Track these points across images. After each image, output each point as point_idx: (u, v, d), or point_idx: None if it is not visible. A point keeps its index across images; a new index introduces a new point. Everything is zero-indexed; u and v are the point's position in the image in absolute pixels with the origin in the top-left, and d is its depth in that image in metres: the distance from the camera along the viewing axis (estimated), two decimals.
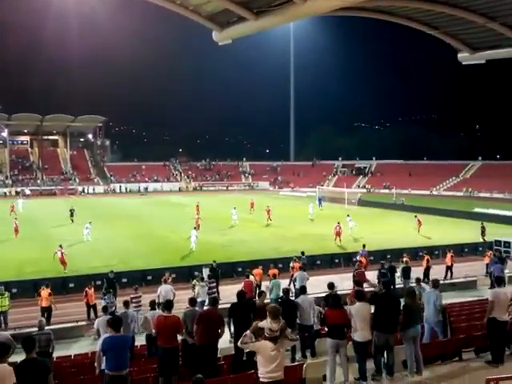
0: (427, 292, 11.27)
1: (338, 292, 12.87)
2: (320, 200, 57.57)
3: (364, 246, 24.90)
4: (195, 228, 31.78)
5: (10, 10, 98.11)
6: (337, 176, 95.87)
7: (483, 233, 31.96)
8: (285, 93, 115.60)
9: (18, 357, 7.25)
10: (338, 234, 31.92)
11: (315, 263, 25.57)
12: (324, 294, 12.89)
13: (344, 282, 19.19)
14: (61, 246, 24.91)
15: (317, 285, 17.96)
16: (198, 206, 46.04)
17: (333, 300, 9.80)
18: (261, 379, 6.82)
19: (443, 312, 10.98)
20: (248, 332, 7.11)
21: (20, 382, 6.37)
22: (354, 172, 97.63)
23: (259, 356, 6.83)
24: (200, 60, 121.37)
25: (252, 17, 14.25)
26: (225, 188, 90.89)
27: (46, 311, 17.43)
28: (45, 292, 17.65)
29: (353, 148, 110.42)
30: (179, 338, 9.52)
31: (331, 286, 11.86)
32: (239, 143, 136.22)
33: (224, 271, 22.27)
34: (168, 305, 9.48)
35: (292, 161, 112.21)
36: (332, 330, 9.50)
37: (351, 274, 20.05)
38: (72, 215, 41.90)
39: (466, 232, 33.90)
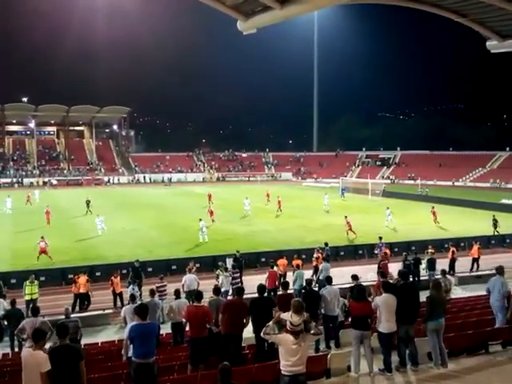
0: (493, 279, 11.30)
1: (363, 283, 12.81)
2: (343, 191, 57.23)
3: (380, 238, 24.54)
4: (201, 219, 30.73)
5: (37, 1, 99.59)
6: (360, 167, 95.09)
7: (495, 225, 31.12)
8: (308, 82, 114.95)
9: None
10: (350, 227, 31.12)
11: (339, 254, 25.48)
12: (348, 286, 12.87)
13: (368, 274, 19.07)
14: (42, 237, 25.06)
15: (341, 276, 17.87)
16: (210, 195, 46.39)
17: (357, 292, 9.76)
18: (282, 372, 6.86)
19: (508, 298, 10.93)
20: (271, 323, 7.16)
21: (54, 368, 6.53)
22: (378, 163, 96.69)
23: (281, 348, 6.86)
24: (224, 50, 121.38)
25: (277, 6, 14.15)
26: (247, 179, 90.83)
27: (84, 297, 17.95)
28: (82, 279, 18.06)
29: (377, 138, 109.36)
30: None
31: (355, 277, 11.83)
32: (262, 134, 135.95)
33: (248, 261, 22.35)
34: (198, 296, 9.60)
35: (315, 151, 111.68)
36: (356, 322, 9.48)
37: (375, 266, 19.92)
38: (88, 206, 41.50)
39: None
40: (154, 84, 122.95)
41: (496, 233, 30.70)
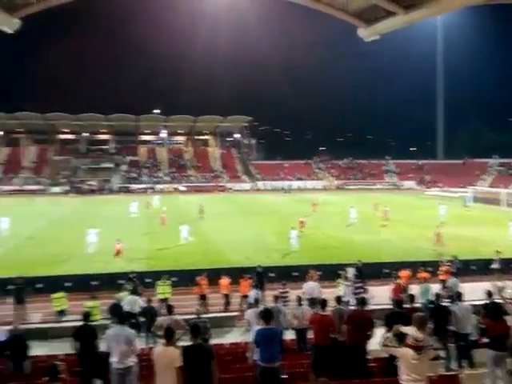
0: None
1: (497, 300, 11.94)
2: (467, 200, 54.16)
3: (498, 252, 22.54)
4: (293, 228, 30.49)
5: (164, 15, 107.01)
6: (492, 175, 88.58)
7: None
8: (431, 87, 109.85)
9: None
10: (438, 238, 28.92)
11: (469, 268, 23.82)
12: (481, 302, 12.05)
13: (506, 290, 17.63)
14: (118, 239, 27.17)
15: (472, 292, 16.74)
16: (315, 204, 47.92)
17: (493, 310, 9.13)
18: None
19: None
20: (390, 335, 6.96)
21: (187, 365, 6.92)
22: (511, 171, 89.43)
23: (400, 362, 6.63)
24: (343, 57, 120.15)
25: (401, 11, 13.78)
26: (368, 187, 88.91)
27: (226, 298, 19.13)
28: (225, 280, 19.22)
29: (509, 145, 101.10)
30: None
31: (489, 293, 11.09)
32: (382, 140, 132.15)
33: (369, 272, 21.81)
34: (324, 304, 9.64)
35: (440, 159, 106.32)
36: (493, 342, 8.85)
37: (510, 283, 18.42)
38: (201, 212, 42.69)
39: None
40: (274, 93, 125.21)
41: None
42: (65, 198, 69.66)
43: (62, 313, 17.72)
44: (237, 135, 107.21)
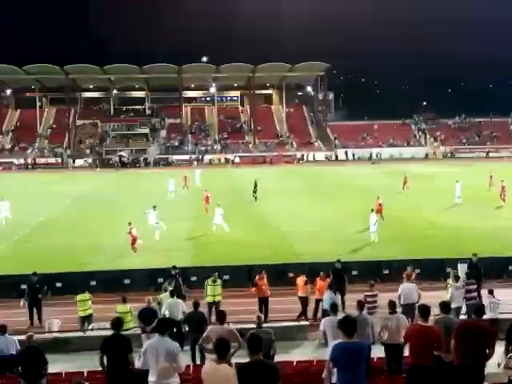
0: None
1: None
2: None
3: None
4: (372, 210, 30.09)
5: None
6: None
7: None
8: None
9: None
10: None
11: None
12: None
13: None
14: (130, 223, 27.30)
15: None
16: (405, 179, 47.38)
17: None
18: None
19: None
20: None
21: None
22: None
23: None
24: None
25: None
26: (487, 155, 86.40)
27: (304, 303, 19.01)
28: (300, 279, 19.23)
29: None
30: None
31: None
32: (509, 92, 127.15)
33: (488, 269, 21.27)
34: (425, 311, 9.49)
35: None
36: None
37: None
38: (255, 189, 42.71)
39: None
40: (358, 32, 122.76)
41: None
42: (89, 174, 72.07)
43: (87, 319, 18.31)
44: (309, 88, 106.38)
